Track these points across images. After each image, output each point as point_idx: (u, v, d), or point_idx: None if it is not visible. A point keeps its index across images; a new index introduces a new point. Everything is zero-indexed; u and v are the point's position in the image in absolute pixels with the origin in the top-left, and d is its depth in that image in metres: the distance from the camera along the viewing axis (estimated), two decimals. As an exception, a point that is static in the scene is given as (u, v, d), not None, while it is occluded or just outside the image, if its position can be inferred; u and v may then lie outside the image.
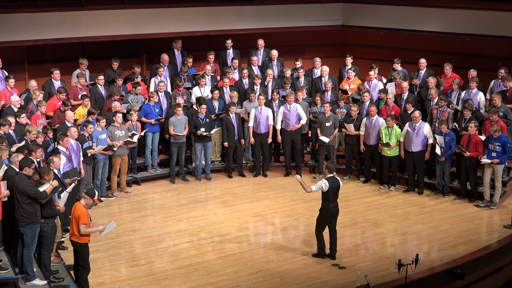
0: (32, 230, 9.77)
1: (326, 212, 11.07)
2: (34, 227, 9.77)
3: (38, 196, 9.62)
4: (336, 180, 11.11)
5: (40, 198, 9.63)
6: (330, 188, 10.94)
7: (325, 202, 11.06)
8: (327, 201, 11.02)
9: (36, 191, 9.60)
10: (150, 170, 15.25)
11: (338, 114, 15.37)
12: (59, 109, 13.75)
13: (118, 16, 16.19)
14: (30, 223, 9.72)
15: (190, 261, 11.22)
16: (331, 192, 10.97)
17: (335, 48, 20.11)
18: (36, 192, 9.60)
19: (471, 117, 14.00)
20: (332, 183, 10.99)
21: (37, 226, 9.82)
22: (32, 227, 9.75)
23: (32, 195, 9.59)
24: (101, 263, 11.10)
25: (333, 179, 11.06)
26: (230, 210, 13.57)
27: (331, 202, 11.02)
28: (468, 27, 16.86)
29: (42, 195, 9.63)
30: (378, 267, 11.04)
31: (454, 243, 12.01)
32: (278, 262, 11.22)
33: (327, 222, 11.19)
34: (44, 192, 9.64)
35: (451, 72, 15.62)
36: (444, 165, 14.11)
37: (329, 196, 10.98)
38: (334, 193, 11.05)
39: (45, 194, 9.65)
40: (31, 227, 9.74)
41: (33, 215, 9.70)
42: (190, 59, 16.35)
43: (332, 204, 11.03)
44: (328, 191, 10.95)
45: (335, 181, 11.06)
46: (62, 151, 12.04)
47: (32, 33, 15.17)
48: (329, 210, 11.05)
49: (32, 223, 9.72)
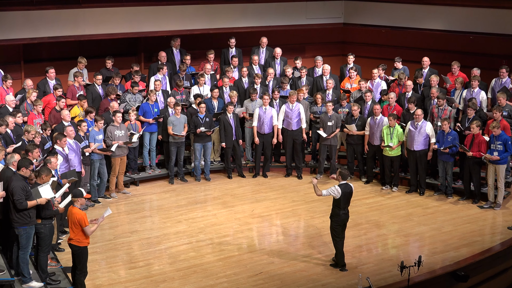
0: (26, 231, 9.77)
1: (338, 218, 10.86)
2: (28, 228, 9.77)
3: (18, 205, 9.57)
4: (349, 186, 10.90)
5: (20, 207, 9.58)
6: (342, 195, 10.75)
7: (336, 209, 10.86)
8: (338, 208, 10.83)
9: (20, 199, 9.54)
10: (148, 171, 15.25)
11: (341, 114, 15.38)
12: (54, 109, 13.73)
13: (116, 13, 16.18)
14: (24, 224, 9.72)
15: (189, 263, 11.21)
16: (343, 198, 10.78)
17: (337, 46, 20.11)
18: (18, 201, 9.55)
19: (475, 116, 13.99)
20: (345, 190, 10.80)
21: (31, 227, 9.81)
22: (27, 228, 9.76)
23: (14, 199, 9.55)
24: (99, 265, 11.10)
25: (346, 185, 10.85)
26: (230, 211, 13.56)
27: (342, 209, 10.84)
28: (472, 25, 16.86)
29: (22, 206, 9.58)
30: (380, 269, 11.04)
31: (457, 244, 12.01)
32: (278, 264, 11.21)
33: (343, 228, 10.96)
34: (25, 204, 9.58)
35: (458, 71, 15.60)
36: (447, 166, 14.10)
37: (340, 204, 10.78)
38: (347, 200, 10.87)
39: (25, 206, 9.60)
40: (25, 228, 9.74)
41: (27, 216, 9.70)
42: (188, 56, 16.34)
43: (343, 212, 10.86)
44: (340, 198, 10.74)
45: (348, 188, 10.87)
46: (59, 151, 12.03)
47: (28, 31, 15.16)
48: (339, 218, 10.87)
49: (26, 224, 9.72)
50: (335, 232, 10.94)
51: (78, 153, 12.64)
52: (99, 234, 12.26)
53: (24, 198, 9.60)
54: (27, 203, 9.62)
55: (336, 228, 10.92)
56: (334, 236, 10.97)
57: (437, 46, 17.92)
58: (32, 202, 9.67)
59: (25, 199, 9.62)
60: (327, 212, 12.25)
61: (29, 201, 9.65)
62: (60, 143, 12.10)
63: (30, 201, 9.66)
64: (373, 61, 17.18)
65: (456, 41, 17.61)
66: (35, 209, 9.78)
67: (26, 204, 9.61)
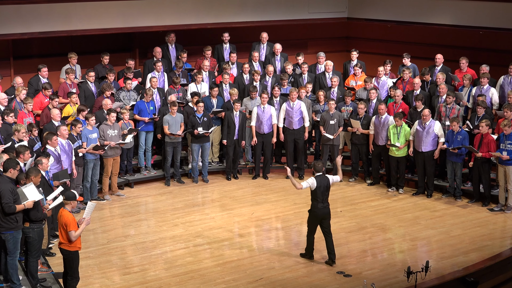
0: (13, 236, 9.72)
1: (315, 212, 11.23)
2: (15, 233, 9.72)
3: (7, 209, 9.52)
4: (326, 178, 11.25)
5: (8, 211, 9.53)
6: (318, 187, 11.11)
7: (314, 202, 11.25)
8: (316, 201, 11.20)
9: (9, 202, 9.50)
10: (144, 172, 15.26)
11: (344, 112, 15.37)
12: (47, 107, 13.73)
13: (109, 7, 16.17)
14: (11, 229, 9.66)
15: (186, 269, 11.21)
16: (319, 191, 11.13)
17: (340, 42, 20.10)
18: (7, 204, 9.50)
19: (484, 114, 13.99)
20: (321, 182, 11.14)
21: (18, 232, 9.77)
22: (13, 233, 9.70)
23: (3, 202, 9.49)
24: (91, 270, 11.10)
25: (322, 177, 11.22)
26: (229, 214, 13.57)
27: (320, 202, 11.17)
28: (481, 20, 16.84)
29: (11, 210, 9.54)
30: (386, 275, 11.04)
31: (466, 249, 12.01)
32: (279, 270, 11.21)
33: (317, 223, 11.32)
34: (13, 208, 9.55)
35: (467, 67, 15.59)
36: (456, 166, 14.10)
37: (317, 196, 11.15)
38: (323, 192, 11.19)
39: (13, 210, 9.56)
40: (12, 233, 9.69)
41: (14, 221, 9.64)
42: (185, 53, 16.34)
43: (321, 204, 11.17)
44: (316, 190, 11.14)
45: (324, 180, 11.20)
46: (51, 152, 12.03)
47: (18, 26, 15.14)
48: (317, 211, 11.20)
49: (12, 229, 9.66)
50: (310, 226, 11.37)
51: (69, 154, 12.63)
52: (92, 238, 12.27)
53: (12, 201, 9.56)
54: (15, 206, 9.58)
55: (311, 222, 11.33)
56: (308, 229, 11.43)
57: (445, 41, 17.90)
58: (20, 206, 9.62)
59: (13, 202, 9.59)
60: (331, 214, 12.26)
61: (17, 205, 9.61)
62: (51, 142, 12.09)
63: (18, 205, 9.62)
64: (378, 57, 17.17)
65: (465, 37, 17.58)
66: (22, 212, 9.74)
67: (14, 207, 9.57)
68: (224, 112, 15.19)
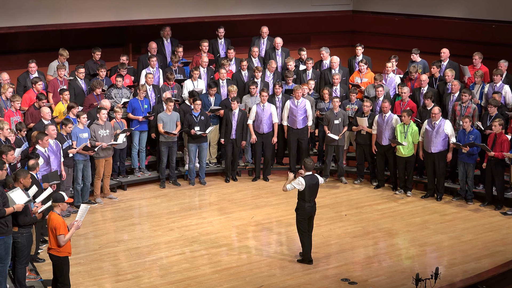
0: (4, 242, 9.73)
1: (304, 209, 11.41)
2: (6, 238, 9.74)
3: None
4: (315, 177, 11.48)
5: None
6: (307, 187, 11.29)
7: (301, 202, 11.44)
8: (303, 201, 11.39)
9: None
10: (137, 173, 15.28)
11: (349, 111, 15.38)
12: (33, 106, 13.72)
13: (100, 0, 16.18)
14: (1, 234, 9.67)
15: (182, 276, 11.23)
16: (307, 190, 11.31)
17: (345, 36, 20.14)
18: None
19: (497, 114, 13.99)
20: (310, 182, 11.32)
21: (9, 237, 9.79)
22: (4, 238, 9.72)
23: None
24: (82, 277, 11.12)
25: (312, 177, 11.41)
26: (227, 219, 13.60)
27: (307, 202, 11.36)
28: (494, 13, 16.85)
29: (1, 214, 9.54)
30: (393, 282, 11.06)
31: (478, 255, 12.04)
32: (281, 277, 11.24)
33: (307, 221, 11.49)
34: (3, 212, 9.56)
35: (481, 64, 15.55)
36: (468, 168, 14.09)
37: (305, 196, 11.33)
38: (312, 191, 11.39)
39: (3, 214, 9.58)
40: (2, 238, 9.70)
41: (4, 225, 9.66)
42: (180, 48, 16.34)
43: (308, 204, 11.37)
44: (304, 190, 11.31)
45: (313, 179, 11.41)
46: (41, 153, 12.06)
47: (4, 20, 15.15)
48: (305, 210, 11.40)
49: (3, 234, 9.68)
50: (301, 226, 11.51)
51: (57, 155, 12.64)
52: (83, 243, 12.30)
53: (1, 205, 9.59)
54: (5, 210, 9.60)
55: (301, 221, 11.48)
56: (300, 230, 11.55)
57: (456, 36, 17.91)
58: (10, 209, 9.66)
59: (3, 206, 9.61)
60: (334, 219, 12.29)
61: (7, 208, 9.64)
62: (42, 143, 12.11)
63: (8, 208, 9.65)
64: (385, 53, 17.17)
65: (477, 31, 17.60)
66: (11, 216, 9.77)
67: (4, 211, 9.59)
68: (223, 110, 15.21)
